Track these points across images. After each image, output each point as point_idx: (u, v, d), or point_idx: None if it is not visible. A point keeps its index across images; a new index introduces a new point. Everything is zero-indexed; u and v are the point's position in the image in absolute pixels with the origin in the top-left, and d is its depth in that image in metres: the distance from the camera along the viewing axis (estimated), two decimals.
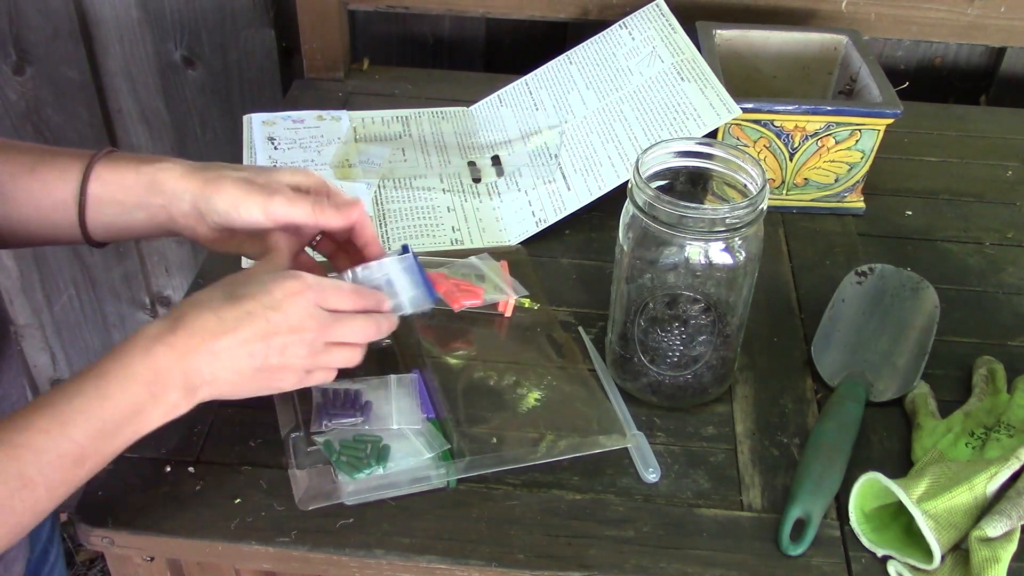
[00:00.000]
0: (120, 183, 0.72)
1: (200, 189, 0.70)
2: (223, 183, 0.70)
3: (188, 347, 0.61)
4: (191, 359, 0.61)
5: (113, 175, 0.72)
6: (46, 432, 0.57)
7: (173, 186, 0.71)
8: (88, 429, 0.58)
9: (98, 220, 0.72)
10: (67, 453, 0.58)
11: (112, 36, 1.33)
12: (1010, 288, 0.94)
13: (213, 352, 0.61)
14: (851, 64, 1.07)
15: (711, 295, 0.74)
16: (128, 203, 0.72)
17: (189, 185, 0.70)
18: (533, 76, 1.14)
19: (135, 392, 0.60)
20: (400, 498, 0.70)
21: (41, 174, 0.72)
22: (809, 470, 0.71)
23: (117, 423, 0.60)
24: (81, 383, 0.59)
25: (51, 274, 1.59)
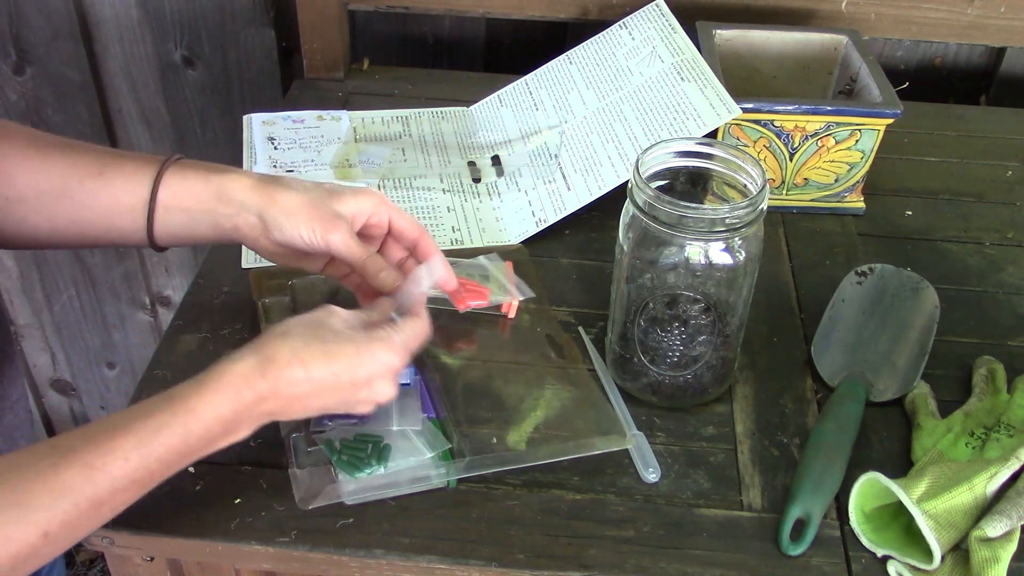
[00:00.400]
0: (189, 191, 0.73)
1: (267, 204, 0.71)
2: (289, 203, 0.71)
3: (273, 397, 0.62)
4: (272, 405, 0.63)
5: (182, 183, 0.73)
6: (126, 459, 0.57)
7: (242, 197, 0.72)
8: (164, 458, 0.59)
9: (165, 226, 0.74)
10: (140, 479, 0.58)
11: (112, 36, 1.33)
12: (1010, 288, 0.94)
13: (293, 403, 0.63)
14: (851, 64, 1.07)
15: (711, 295, 0.74)
16: (195, 211, 0.73)
17: (256, 199, 0.72)
18: (533, 76, 1.14)
19: (216, 431, 0.61)
20: (400, 498, 0.70)
21: (110, 178, 0.72)
22: (809, 470, 0.71)
23: (189, 456, 0.61)
24: (169, 418, 0.59)
25: (51, 274, 1.59)
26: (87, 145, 0.75)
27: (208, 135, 1.42)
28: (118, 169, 0.73)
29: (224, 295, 0.88)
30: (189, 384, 0.61)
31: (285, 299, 0.84)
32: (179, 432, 0.59)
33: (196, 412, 0.60)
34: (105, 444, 0.57)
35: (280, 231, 0.71)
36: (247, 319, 0.85)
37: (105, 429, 0.58)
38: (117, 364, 1.73)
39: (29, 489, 0.55)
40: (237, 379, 0.61)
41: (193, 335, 0.83)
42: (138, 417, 0.59)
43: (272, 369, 0.62)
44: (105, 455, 0.57)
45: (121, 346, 1.70)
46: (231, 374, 0.61)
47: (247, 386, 0.61)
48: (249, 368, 0.61)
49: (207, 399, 0.60)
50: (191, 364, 0.80)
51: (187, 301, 0.87)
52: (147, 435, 0.58)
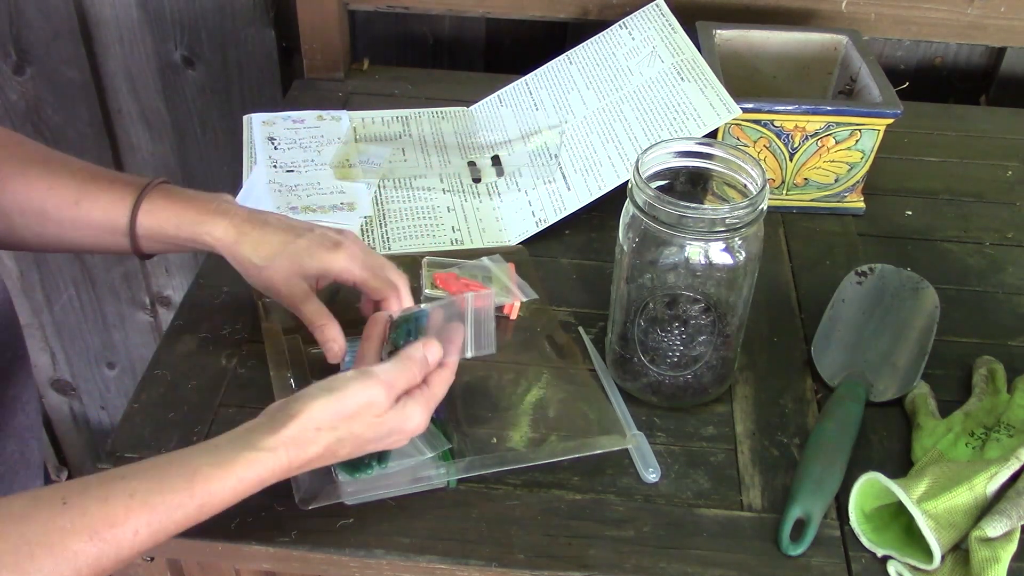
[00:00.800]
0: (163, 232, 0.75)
1: (237, 263, 0.75)
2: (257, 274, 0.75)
3: (294, 461, 0.62)
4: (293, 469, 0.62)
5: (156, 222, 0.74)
6: (136, 534, 0.56)
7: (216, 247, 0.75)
8: (173, 532, 0.58)
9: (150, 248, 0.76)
10: (146, 548, 0.57)
11: (112, 36, 1.33)
12: (1010, 288, 0.94)
13: (311, 464, 0.63)
14: (851, 64, 1.07)
15: (711, 295, 0.74)
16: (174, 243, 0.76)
17: (228, 255, 0.75)
18: (533, 76, 1.14)
19: (232, 502, 0.60)
20: (400, 498, 0.70)
21: (86, 209, 0.74)
22: (809, 470, 0.71)
23: (198, 522, 0.60)
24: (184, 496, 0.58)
25: (51, 274, 1.59)
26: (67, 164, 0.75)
27: (208, 135, 1.42)
28: (93, 200, 0.74)
29: (224, 295, 0.88)
30: (215, 463, 0.59)
31: None
32: (193, 513, 0.58)
33: (215, 495, 0.59)
34: (118, 515, 0.55)
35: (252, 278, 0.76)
36: (247, 319, 0.85)
37: (120, 497, 0.56)
38: (117, 364, 1.73)
39: (32, 553, 0.53)
40: (264, 471, 0.60)
41: (193, 335, 0.83)
42: (156, 491, 0.57)
43: (301, 459, 0.61)
44: (115, 526, 0.55)
45: (121, 346, 1.70)
46: (260, 465, 0.60)
47: (272, 475, 0.61)
48: (279, 461, 0.61)
49: (230, 485, 0.59)
50: (191, 364, 0.80)
51: (187, 301, 0.87)
52: (162, 512, 0.57)
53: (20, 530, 0.53)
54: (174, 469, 0.58)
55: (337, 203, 0.99)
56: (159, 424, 0.75)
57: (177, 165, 1.46)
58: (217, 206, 0.75)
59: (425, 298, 0.85)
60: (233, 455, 0.60)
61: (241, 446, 0.60)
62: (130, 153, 1.45)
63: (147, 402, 0.77)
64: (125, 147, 1.45)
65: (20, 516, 0.54)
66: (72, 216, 0.73)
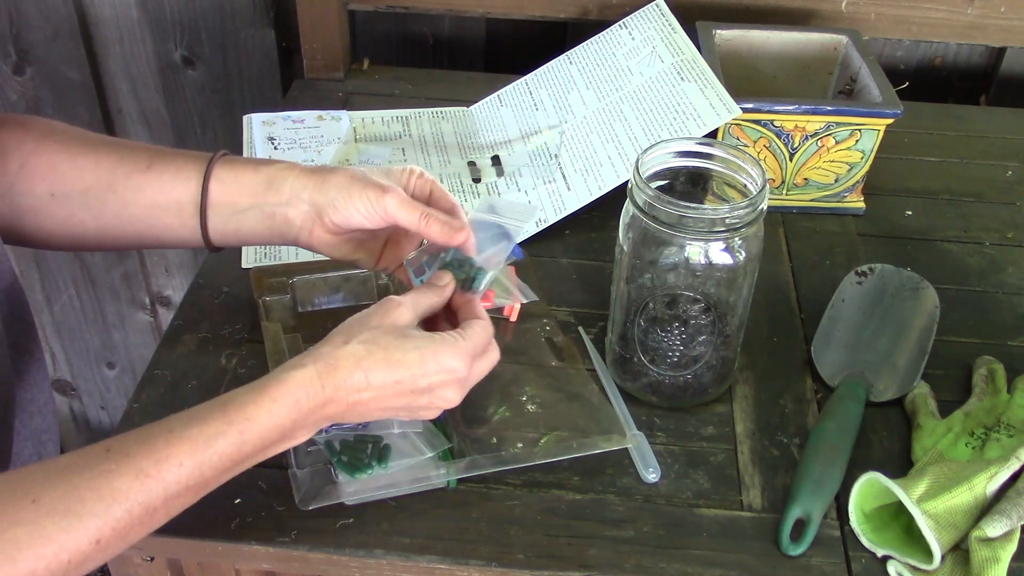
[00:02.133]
0: (238, 183, 0.72)
1: (318, 187, 0.70)
2: (339, 181, 0.70)
3: (334, 403, 0.61)
4: (332, 410, 0.62)
5: (230, 174, 0.72)
6: (180, 466, 0.56)
7: (292, 185, 0.71)
8: (219, 466, 0.58)
9: (214, 223, 0.73)
10: (194, 485, 0.58)
11: (112, 36, 1.33)
12: (1010, 288, 0.94)
13: (353, 408, 0.63)
14: (851, 64, 1.07)
15: (711, 295, 0.74)
16: (245, 205, 0.72)
17: (307, 183, 0.70)
18: (533, 76, 1.14)
19: (273, 438, 0.60)
20: (400, 498, 0.70)
21: (157, 172, 0.72)
22: (809, 470, 0.71)
23: (245, 460, 0.60)
24: (226, 427, 0.58)
25: (51, 274, 1.59)
26: (134, 143, 0.75)
27: (208, 135, 1.42)
28: (165, 164, 0.72)
29: (224, 295, 0.88)
30: (247, 390, 0.60)
31: (286, 297, 0.84)
32: (234, 440, 0.58)
33: (253, 420, 0.59)
34: (160, 451, 0.56)
35: (336, 210, 0.70)
36: (247, 319, 0.85)
37: (160, 434, 0.57)
38: (117, 364, 1.73)
39: (82, 496, 0.54)
40: (296, 387, 0.60)
41: (193, 335, 0.83)
42: (194, 423, 0.58)
43: (333, 377, 0.61)
44: (159, 462, 0.56)
45: (121, 346, 1.70)
46: (291, 382, 0.60)
47: (306, 394, 0.60)
48: (309, 376, 0.60)
49: (265, 407, 0.59)
50: (191, 364, 0.81)
51: (187, 301, 0.87)
52: (202, 442, 0.57)
53: (67, 478, 0.54)
54: (208, 404, 0.59)
55: None
56: None
57: None
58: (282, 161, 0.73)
59: None
60: (266, 380, 0.61)
61: (274, 373, 0.61)
62: None
63: (147, 402, 0.77)
64: None
65: (66, 466, 0.55)
66: (141, 184, 0.72)
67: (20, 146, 0.72)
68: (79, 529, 0.53)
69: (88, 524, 0.53)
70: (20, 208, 0.72)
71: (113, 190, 0.72)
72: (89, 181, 0.72)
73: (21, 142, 0.72)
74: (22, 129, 0.73)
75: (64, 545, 0.53)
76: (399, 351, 0.62)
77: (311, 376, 0.61)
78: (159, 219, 0.73)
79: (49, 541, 0.52)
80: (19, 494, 0.53)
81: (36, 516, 0.52)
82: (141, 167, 0.72)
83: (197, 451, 0.57)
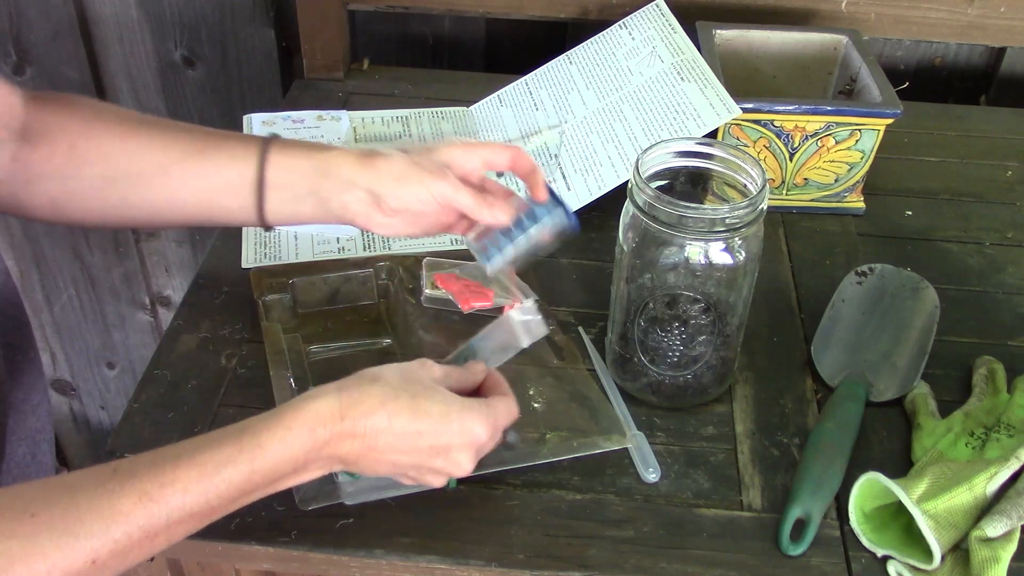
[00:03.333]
0: (294, 169, 0.72)
1: (374, 176, 0.70)
2: (395, 168, 0.70)
3: (350, 440, 0.59)
4: (346, 449, 0.60)
5: (285, 159, 0.72)
6: (185, 491, 0.55)
7: (348, 174, 0.71)
8: (226, 495, 0.56)
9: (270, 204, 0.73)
10: (199, 512, 0.56)
11: (112, 36, 1.33)
12: (1010, 288, 0.94)
13: (367, 454, 0.60)
14: (851, 64, 1.07)
15: (711, 295, 0.74)
16: (300, 190, 0.72)
17: (363, 172, 0.71)
18: (533, 76, 1.14)
19: (284, 471, 0.58)
20: (400, 498, 0.70)
21: (210, 156, 0.72)
22: (809, 470, 0.71)
23: (254, 491, 0.58)
24: (236, 454, 0.56)
25: (51, 274, 1.59)
26: (180, 124, 0.75)
27: None
28: (218, 148, 0.72)
29: (224, 295, 0.88)
30: (264, 418, 0.58)
31: (286, 297, 0.84)
32: (244, 469, 0.56)
33: (266, 448, 0.57)
34: (166, 474, 0.55)
35: (394, 198, 0.70)
36: (247, 319, 0.85)
37: (169, 458, 0.56)
38: (117, 364, 1.73)
39: (81, 516, 0.52)
40: (315, 417, 0.58)
41: (193, 335, 0.83)
42: (205, 449, 0.56)
43: (354, 411, 0.59)
44: (164, 486, 0.54)
45: (121, 346, 1.70)
46: (310, 411, 0.58)
47: (324, 426, 0.58)
48: (330, 407, 0.59)
49: (279, 435, 0.57)
50: (191, 364, 0.81)
51: (187, 301, 0.87)
52: (211, 469, 0.55)
53: (71, 495, 0.53)
54: (225, 429, 0.58)
55: None
56: (159, 424, 0.75)
57: None
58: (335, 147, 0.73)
59: (427, 299, 0.84)
60: (283, 408, 0.59)
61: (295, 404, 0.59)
62: None
63: (147, 402, 0.77)
64: None
65: (71, 484, 0.54)
66: (194, 168, 0.72)
67: (66, 127, 0.71)
68: (75, 548, 0.52)
69: (84, 544, 0.52)
70: (70, 191, 0.72)
71: (167, 174, 0.72)
72: (141, 165, 0.71)
73: (66, 123, 0.71)
74: (66, 110, 0.72)
75: (57, 563, 0.51)
76: (426, 401, 0.61)
77: (332, 407, 0.59)
78: (215, 202, 0.73)
79: (43, 557, 0.51)
80: (18, 508, 0.52)
81: (33, 531, 0.51)
82: (193, 151, 0.72)
83: (204, 477, 0.55)
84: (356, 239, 0.95)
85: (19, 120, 0.70)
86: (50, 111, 0.71)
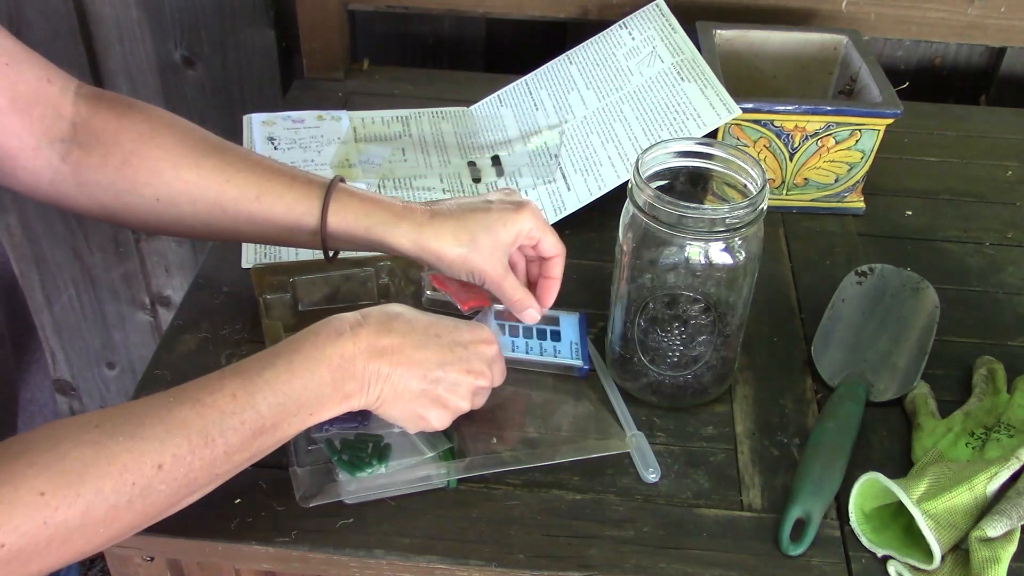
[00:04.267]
0: (350, 234, 0.73)
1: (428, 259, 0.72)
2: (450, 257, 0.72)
3: (374, 340, 0.64)
4: (374, 353, 0.64)
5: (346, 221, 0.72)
6: (233, 396, 0.59)
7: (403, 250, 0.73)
8: (273, 402, 0.60)
9: (334, 246, 0.75)
10: (249, 420, 0.59)
11: (112, 36, 1.33)
12: (1010, 288, 0.94)
13: (393, 354, 0.65)
14: (851, 64, 1.07)
15: (711, 295, 0.74)
16: (358, 237, 0.74)
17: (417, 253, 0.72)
18: (533, 76, 1.14)
19: (321, 374, 0.62)
20: (400, 498, 0.70)
21: (268, 204, 0.72)
22: (809, 470, 0.71)
23: (299, 402, 0.61)
24: (273, 359, 0.61)
25: (51, 274, 1.59)
26: (237, 157, 0.73)
27: None
28: (276, 197, 0.72)
29: (224, 295, 0.88)
30: (297, 334, 0.63)
31: (286, 296, 0.84)
32: (284, 372, 0.61)
33: (300, 352, 0.62)
34: (214, 383, 0.59)
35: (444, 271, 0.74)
36: (247, 319, 0.85)
37: (215, 374, 0.60)
38: (117, 364, 1.73)
39: (143, 423, 0.56)
40: (338, 326, 0.63)
41: (193, 335, 0.83)
42: (249, 362, 0.61)
43: (372, 318, 0.65)
44: (214, 392, 0.59)
45: (121, 346, 1.70)
46: (332, 323, 0.64)
47: (349, 330, 0.63)
48: (350, 319, 0.64)
49: (311, 342, 0.62)
50: (191, 364, 0.80)
51: (187, 301, 0.87)
52: (253, 374, 0.60)
53: (131, 408, 0.57)
54: (266, 350, 0.63)
55: None
56: None
57: None
58: (404, 205, 0.73)
59: (427, 300, 0.84)
60: (312, 326, 0.64)
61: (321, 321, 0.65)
62: None
63: None
64: None
65: (132, 407, 0.58)
66: (250, 211, 0.72)
67: (120, 139, 0.71)
68: (141, 451, 0.55)
69: (149, 447, 0.55)
70: (123, 203, 0.72)
71: (223, 210, 0.72)
72: (195, 194, 0.71)
73: (120, 135, 0.71)
74: (122, 120, 0.71)
75: (127, 465, 0.54)
76: (435, 319, 0.68)
77: (354, 316, 0.65)
78: (276, 236, 0.75)
79: (114, 459, 0.54)
80: (83, 421, 0.56)
81: (100, 437, 0.55)
82: (250, 196, 0.72)
83: (248, 382, 0.60)
84: None
85: (67, 122, 0.70)
86: (104, 117, 0.71)
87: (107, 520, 0.54)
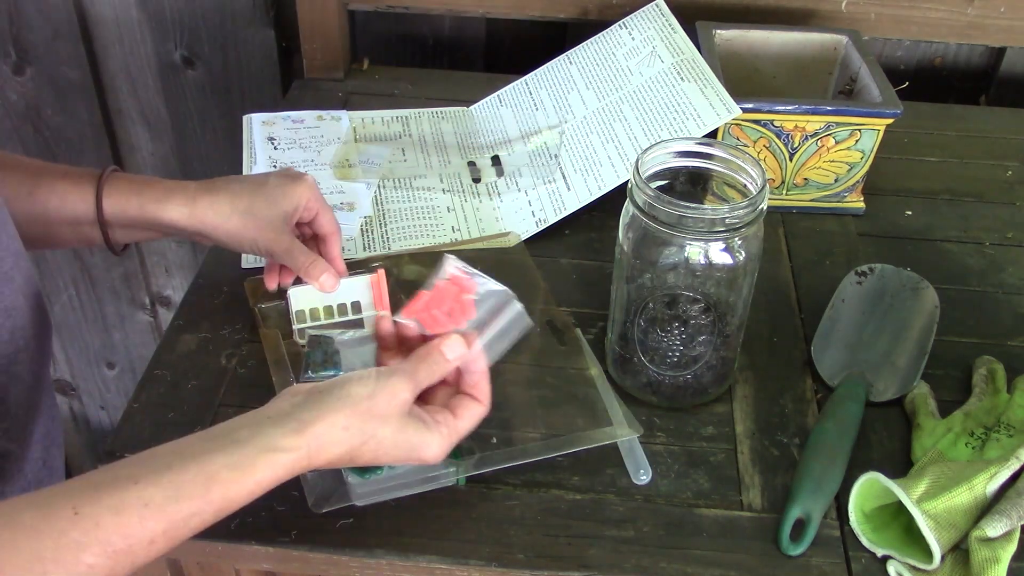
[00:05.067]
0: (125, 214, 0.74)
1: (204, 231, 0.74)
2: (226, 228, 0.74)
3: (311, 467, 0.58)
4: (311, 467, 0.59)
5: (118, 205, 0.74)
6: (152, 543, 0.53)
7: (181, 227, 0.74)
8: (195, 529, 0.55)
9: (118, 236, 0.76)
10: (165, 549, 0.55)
11: (112, 36, 1.33)
12: (1010, 288, 0.94)
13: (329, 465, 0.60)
14: (851, 64, 1.07)
15: (711, 295, 0.74)
16: (137, 227, 0.75)
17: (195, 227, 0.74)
18: (533, 76, 1.14)
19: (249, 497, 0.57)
20: (400, 498, 0.70)
21: (42, 199, 0.73)
22: (809, 470, 0.71)
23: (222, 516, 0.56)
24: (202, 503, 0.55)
25: (51, 274, 1.59)
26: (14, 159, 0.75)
27: (208, 135, 1.42)
28: (48, 190, 0.73)
29: (224, 295, 0.88)
30: (232, 466, 0.55)
31: (281, 304, 0.84)
32: (210, 519, 0.55)
33: (234, 501, 0.56)
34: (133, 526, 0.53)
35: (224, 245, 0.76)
36: (247, 319, 0.85)
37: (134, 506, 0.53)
38: (117, 364, 1.73)
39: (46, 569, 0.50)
40: (283, 469, 0.57)
41: (193, 335, 0.83)
42: (172, 497, 0.54)
43: (320, 458, 0.58)
44: (129, 538, 0.52)
45: (121, 346, 1.70)
46: (278, 465, 0.57)
47: (290, 474, 0.57)
48: (299, 460, 0.57)
49: (248, 488, 0.56)
50: (191, 364, 0.81)
51: (187, 301, 0.87)
52: (179, 521, 0.54)
53: (32, 545, 0.50)
54: (190, 475, 0.55)
55: (337, 203, 0.99)
56: (159, 424, 0.75)
57: (177, 165, 1.46)
58: (177, 182, 0.75)
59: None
60: (253, 456, 0.56)
61: (262, 446, 0.56)
62: (130, 153, 1.45)
63: (147, 402, 0.77)
64: (125, 147, 1.45)
65: (31, 528, 0.51)
66: (27, 209, 0.72)
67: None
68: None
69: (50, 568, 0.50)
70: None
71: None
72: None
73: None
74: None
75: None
76: (392, 447, 0.60)
77: (301, 460, 0.57)
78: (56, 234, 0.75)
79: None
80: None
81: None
82: (22, 193, 0.72)
83: (171, 529, 0.54)
84: (355, 240, 0.95)
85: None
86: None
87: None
